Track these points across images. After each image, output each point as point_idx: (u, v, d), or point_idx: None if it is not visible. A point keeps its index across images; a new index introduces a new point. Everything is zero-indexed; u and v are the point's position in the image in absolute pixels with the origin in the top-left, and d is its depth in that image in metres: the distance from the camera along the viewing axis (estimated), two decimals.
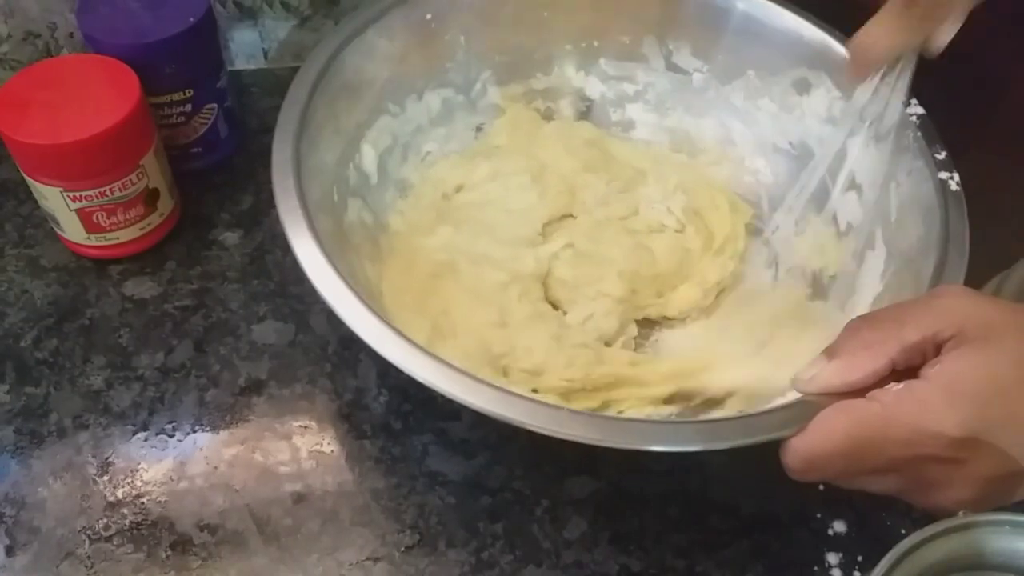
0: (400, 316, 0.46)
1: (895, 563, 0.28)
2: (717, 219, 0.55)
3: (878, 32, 0.43)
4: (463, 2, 0.54)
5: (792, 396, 0.37)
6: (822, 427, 0.34)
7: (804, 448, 0.34)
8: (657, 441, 0.36)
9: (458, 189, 0.55)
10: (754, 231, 0.56)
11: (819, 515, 0.44)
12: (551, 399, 0.44)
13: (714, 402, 0.47)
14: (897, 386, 0.33)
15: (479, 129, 0.58)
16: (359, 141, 0.51)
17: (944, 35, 0.43)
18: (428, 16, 0.53)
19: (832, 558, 0.42)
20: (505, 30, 0.56)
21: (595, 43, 0.58)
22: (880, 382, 0.34)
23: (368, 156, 0.51)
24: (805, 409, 0.35)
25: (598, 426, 0.37)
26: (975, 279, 0.42)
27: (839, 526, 0.43)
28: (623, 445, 0.36)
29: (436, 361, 0.37)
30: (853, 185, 0.51)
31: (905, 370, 0.34)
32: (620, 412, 0.46)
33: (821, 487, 0.44)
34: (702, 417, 0.46)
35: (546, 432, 0.36)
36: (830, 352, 0.36)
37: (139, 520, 0.42)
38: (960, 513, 0.30)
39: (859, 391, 0.34)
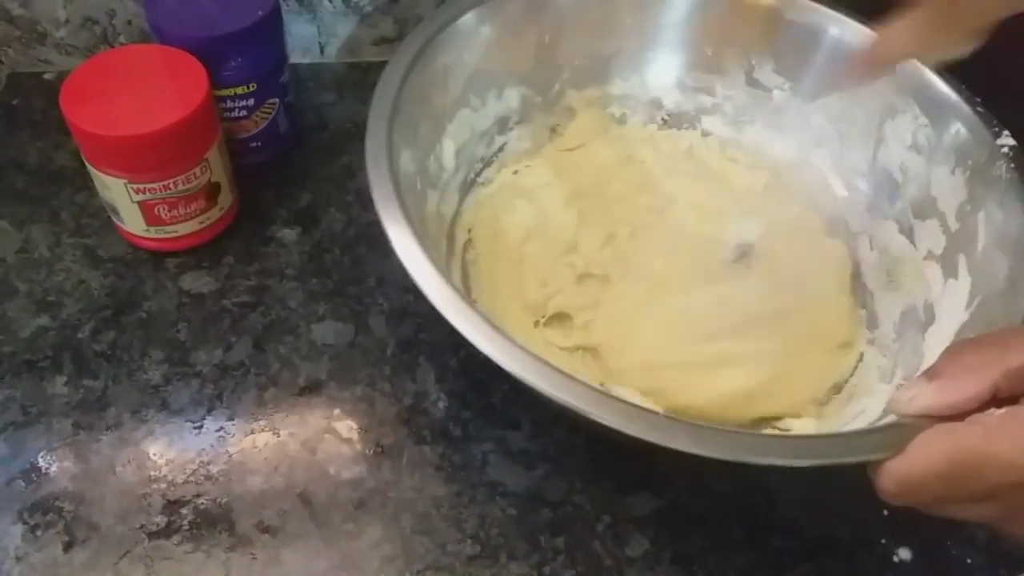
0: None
1: None
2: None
3: (904, 32, 0.42)
4: (551, 2, 0.54)
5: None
6: (921, 449, 0.33)
7: (902, 470, 0.33)
8: (756, 455, 0.35)
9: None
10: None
11: (883, 540, 0.43)
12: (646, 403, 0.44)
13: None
14: (999, 411, 0.32)
15: (554, 130, 0.58)
16: (440, 133, 0.51)
17: (965, 48, 0.42)
18: (518, 13, 0.52)
19: None
20: (589, 34, 0.55)
21: (680, 53, 0.58)
22: (982, 407, 0.33)
23: (448, 149, 0.51)
24: (901, 432, 0.34)
25: (699, 436, 0.35)
26: None
27: (904, 553, 0.43)
28: (727, 456, 0.35)
29: (535, 359, 0.36)
30: (936, 212, 0.51)
31: (1008, 398, 0.33)
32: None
33: (885, 512, 0.44)
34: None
35: (648, 439, 0.35)
36: (930, 374, 0.35)
37: (198, 519, 0.42)
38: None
39: (959, 415, 0.33)
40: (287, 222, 0.54)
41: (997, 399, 0.33)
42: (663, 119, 0.61)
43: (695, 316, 0.50)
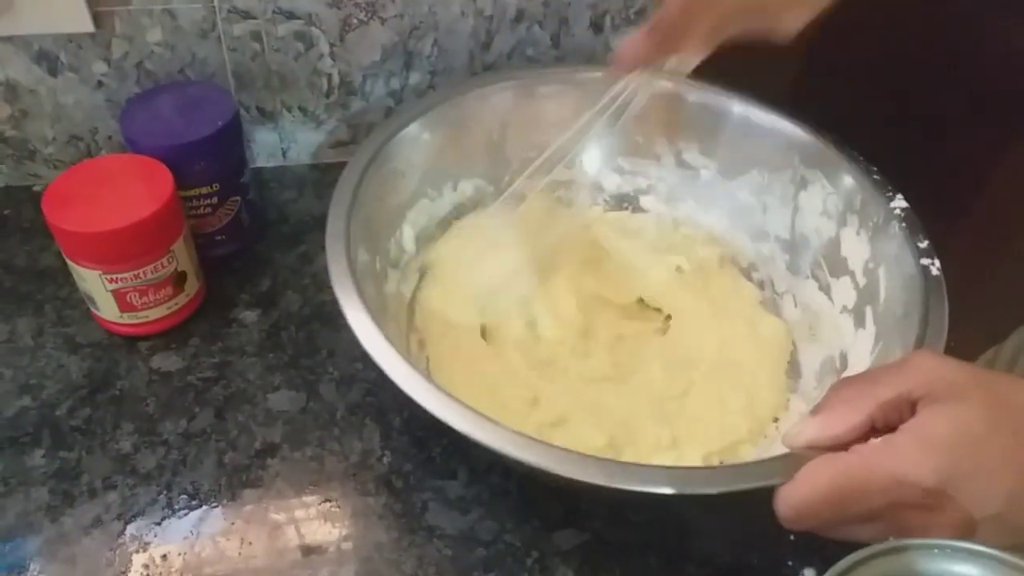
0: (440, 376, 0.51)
1: None
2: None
3: (633, 46, 0.52)
4: (495, 106, 0.62)
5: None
6: (807, 477, 0.37)
7: (792, 497, 0.37)
8: (656, 484, 0.39)
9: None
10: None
11: (790, 563, 0.47)
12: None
13: None
14: (876, 440, 0.36)
15: None
16: (401, 220, 0.58)
17: (688, 62, 0.52)
18: (459, 119, 0.60)
19: None
20: (529, 130, 0.63)
21: (612, 141, 0.65)
22: (861, 437, 0.37)
23: (407, 234, 0.58)
24: (794, 461, 0.38)
25: (606, 470, 0.40)
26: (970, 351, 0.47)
27: (808, 573, 0.47)
28: (630, 487, 0.39)
29: (474, 413, 0.41)
30: (847, 270, 0.57)
31: (884, 428, 0.37)
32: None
33: (792, 537, 0.48)
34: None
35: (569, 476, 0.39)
36: (815, 410, 0.39)
37: (161, 574, 0.46)
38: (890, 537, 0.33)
39: (842, 445, 0.37)
40: (248, 305, 0.60)
41: (876, 430, 0.37)
42: (604, 200, 0.67)
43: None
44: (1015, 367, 0.67)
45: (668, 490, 0.39)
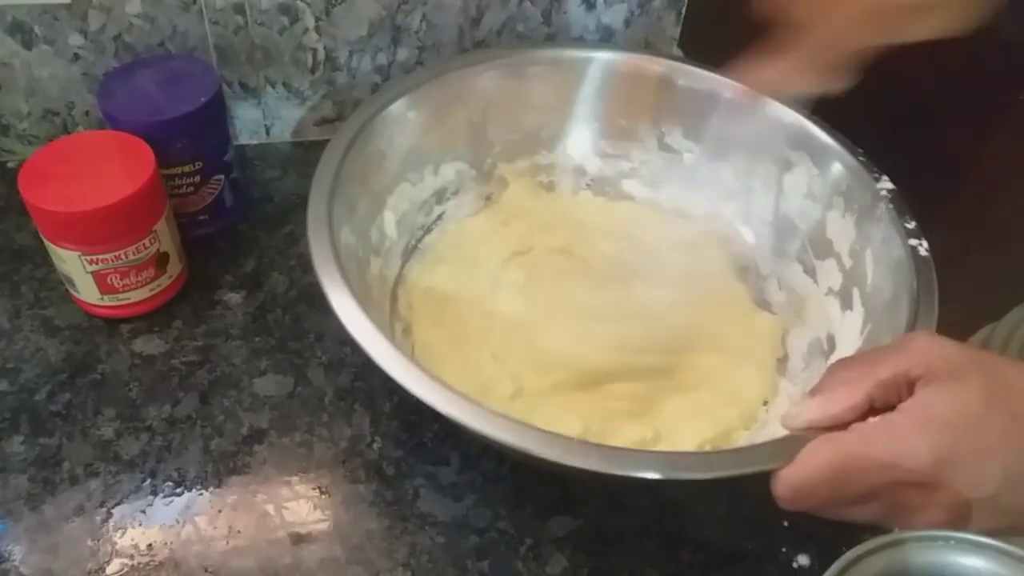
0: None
1: (839, 573, 0.31)
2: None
3: (772, 75, 0.47)
4: (480, 87, 0.60)
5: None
6: (807, 457, 0.37)
7: (791, 478, 0.37)
8: (656, 470, 0.39)
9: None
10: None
11: (784, 549, 0.47)
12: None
13: None
14: (875, 419, 0.36)
15: (488, 198, 0.64)
16: (382, 205, 0.56)
17: (843, 82, 0.47)
18: (444, 99, 0.59)
19: None
20: (512, 112, 0.62)
21: (596, 125, 0.64)
22: (860, 417, 0.37)
23: (389, 219, 0.57)
24: (794, 444, 0.38)
25: (600, 456, 0.39)
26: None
27: (803, 559, 0.46)
28: (628, 473, 0.39)
29: (456, 394, 0.40)
30: (832, 252, 0.56)
31: (883, 408, 0.37)
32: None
33: (786, 523, 0.48)
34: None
35: (556, 460, 0.38)
36: (813, 391, 0.39)
37: (146, 562, 0.45)
38: (895, 530, 0.33)
39: (841, 425, 0.37)
40: (233, 286, 0.58)
41: (874, 409, 0.37)
42: (587, 184, 0.66)
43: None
44: (1010, 344, 0.67)
45: (656, 475, 0.39)
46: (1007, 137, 0.64)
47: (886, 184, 0.54)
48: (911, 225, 0.51)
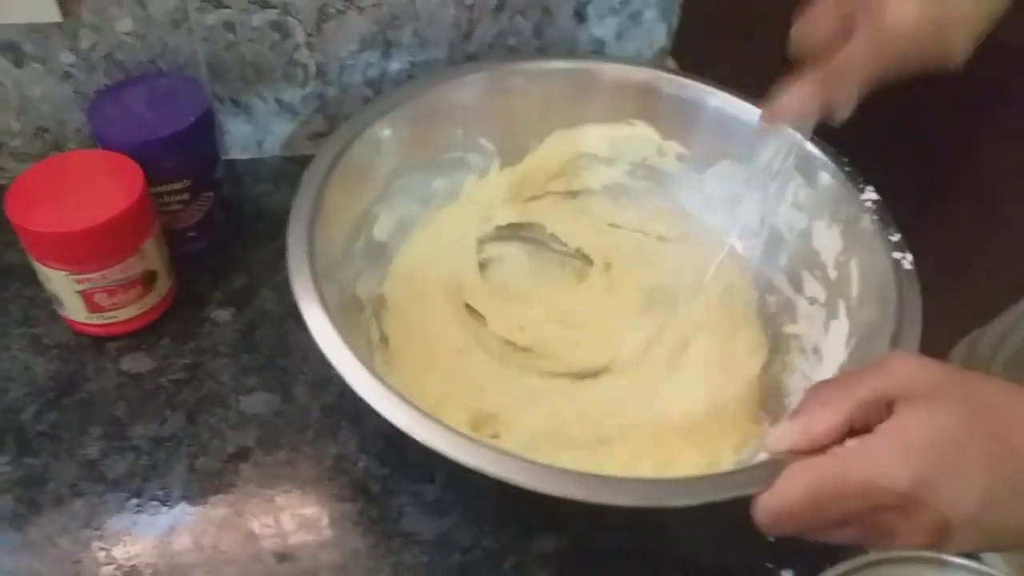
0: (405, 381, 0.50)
1: None
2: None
3: (800, 97, 0.48)
4: (459, 100, 0.60)
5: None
6: (785, 483, 0.36)
7: (770, 504, 0.37)
8: (636, 498, 0.39)
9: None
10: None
11: (769, 565, 0.46)
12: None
13: None
14: (853, 442, 0.36)
15: (475, 213, 0.63)
16: (369, 220, 0.56)
17: (843, 111, 0.49)
18: (429, 111, 0.59)
19: None
20: (498, 122, 0.62)
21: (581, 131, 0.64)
22: (839, 439, 0.37)
23: (377, 233, 0.57)
24: (774, 469, 0.37)
25: (581, 483, 0.39)
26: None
27: None
28: (608, 501, 0.39)
29: (434, 422, 0.41)
30: (818, 263, 0.56)
31: (863, 428, 0.36)
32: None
33: (771, 540, 0.47)
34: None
35: (537, 490, 0.39)
36: (793, 413, 0.39)
37: None
38: (869, 551, 0.33)
39: (821, 449, 0.37)
40: (222, 303, 0.58)
41: (854, 430, 0.37)
42: (576, 194, 0.66)
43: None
44: (1000, 350, 0.66)
45: (636, 503, 0.39)
46: (1001, 140, 0.64)
47: (871, 195, 0.53)
48: (895, 238, 0.51)
